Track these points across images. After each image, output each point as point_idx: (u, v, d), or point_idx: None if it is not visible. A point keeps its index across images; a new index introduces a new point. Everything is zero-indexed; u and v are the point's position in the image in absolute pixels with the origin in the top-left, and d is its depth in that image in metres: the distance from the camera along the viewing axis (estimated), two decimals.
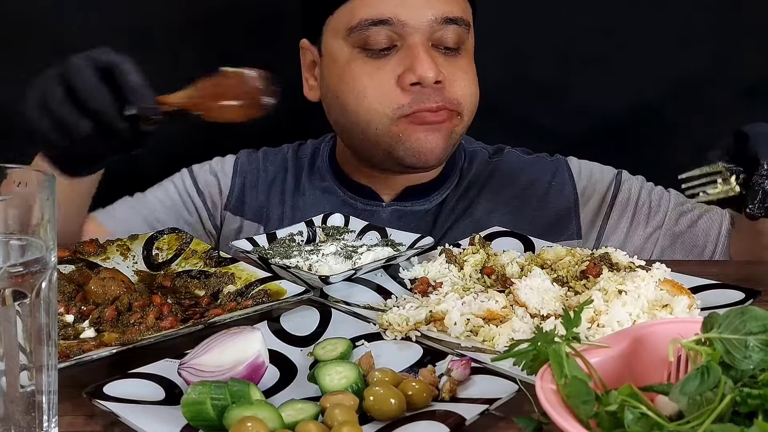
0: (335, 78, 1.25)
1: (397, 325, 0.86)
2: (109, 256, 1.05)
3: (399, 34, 1.19)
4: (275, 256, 1.04)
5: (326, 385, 0.74)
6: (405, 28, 1.18)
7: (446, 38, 1.21)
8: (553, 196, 1.33)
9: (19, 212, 0.63)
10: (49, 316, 0.66)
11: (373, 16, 1.19)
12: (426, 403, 0.73)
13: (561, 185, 1.34)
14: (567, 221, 1.32)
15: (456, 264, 1.03)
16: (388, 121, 1.20)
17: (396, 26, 1.18)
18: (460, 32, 1.22)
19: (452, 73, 1.21)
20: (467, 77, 1.23)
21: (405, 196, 1.33)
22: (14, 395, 0.65)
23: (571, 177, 1.35)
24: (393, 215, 1.32)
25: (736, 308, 0.63)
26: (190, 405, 0.69)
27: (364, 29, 1.19)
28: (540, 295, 0.90)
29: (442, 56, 1.21)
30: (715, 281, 0.97)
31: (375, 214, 1.31)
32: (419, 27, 1.19)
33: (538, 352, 0.66)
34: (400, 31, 1.19)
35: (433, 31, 1.20)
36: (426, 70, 1.17)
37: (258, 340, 0.76)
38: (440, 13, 1.19)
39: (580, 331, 0.70)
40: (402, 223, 1.30)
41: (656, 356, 0.67)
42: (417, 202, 1.33)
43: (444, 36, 1.21)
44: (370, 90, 1.20)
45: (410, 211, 1.33)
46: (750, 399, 0.57)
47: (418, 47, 1.18)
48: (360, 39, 1.20)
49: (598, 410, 0.59)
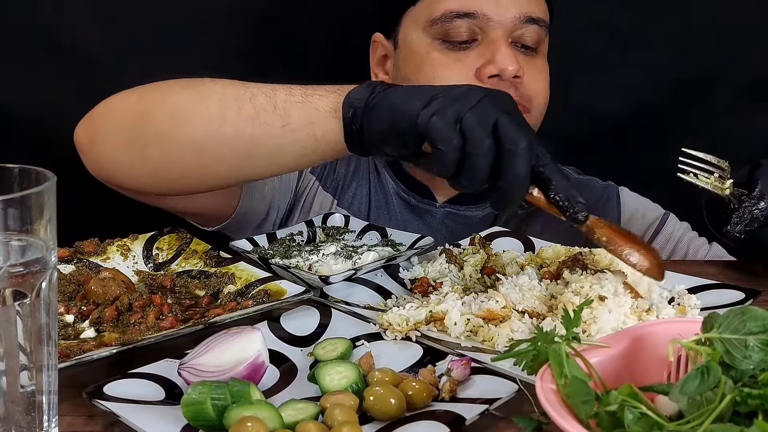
0: (412, 68, 1.26)
1: (397, 325, 0.86)
2: (109, 256, 1.05)
3: (481, 28, 1.21)
4: (275, 256, 1.04)
5: (326, 385, 0.74)
6: (488, 23, 1.20)
7: (526, 37, 1.23)
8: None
9: (19, 212, 0.63)
10: (49, 316, 0.66)
11: (458, 9, 1.21)
12: (426, 403, 0.73)
13: (608, 212, 1.34)
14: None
15: (456, 264, 1.03)
16: None
17: (479, 20, 1.20)
18: (539, 32, 1.23)
19: (528, 71, 1.22)
20: (541, 77, 1.25)
21: (459, 200, 1.33)
22: (14, 395, 0.65)
23: (619, 206, 1.35)
24: (447, 217, 1.32)
25: (736, 308, 0.63)
26: (190, 405, 0.69)
27: (447, 21, 1.21)
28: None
29: (521, 54, 1.23)
30: (715, 281, 0.97)
31: (428, 213, 1.31)
32: (502, 22, 1.20)
33: (538, 352, 0.66)
34: (483, 25, 1.20)
35: (515, 29, 1.21)
36: (507, 63, 1.18)
37: (258, 340, 0.76)
38: (524, 11, 1.21)
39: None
40: (456, 226, 1.30)
41: (656, 356, 0.67)
42: (470, 207, 1.33)
43: (524, 34, 1.22)
44: (448, 80, 1.19)
45: (462, 215, 1.32)
46: (750, 399, 0.57)
47: (500, 41, 1.20)
48: (441, 31, 1.22)
49: (598, 410, 0.59)
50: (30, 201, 0.63)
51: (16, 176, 0.66)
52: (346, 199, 1.34)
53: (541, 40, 1.25)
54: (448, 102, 0.83)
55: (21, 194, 0.63)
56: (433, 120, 0.82)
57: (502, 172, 0.82)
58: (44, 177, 0.65)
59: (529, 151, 0.82)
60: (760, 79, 1.61)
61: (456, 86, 0.87)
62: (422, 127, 0.83)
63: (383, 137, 0.88)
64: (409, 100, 0.85)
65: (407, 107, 0.85)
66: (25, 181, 0.66)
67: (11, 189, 0.65)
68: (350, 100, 0.90)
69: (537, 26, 1.23)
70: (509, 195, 0.83)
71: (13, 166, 0.66)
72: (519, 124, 0.83)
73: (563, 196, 0.85)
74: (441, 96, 0.84)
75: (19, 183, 0.66)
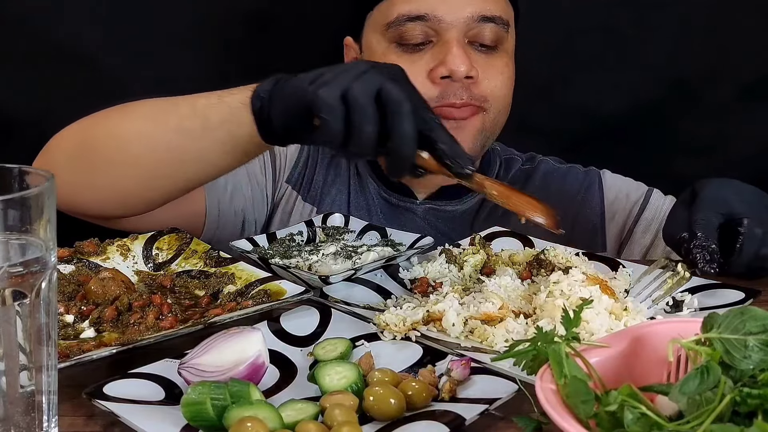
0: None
1: (395, 326, 0.86)
2: (109, 256, 1.05)
3: (435, 30, 1.21)
4: (275, 256, 1.04)
5: (326, 385, 0.74)
6: (441, 24, 1.20)
7: (483, 36, 1.22)
8: (584, 209, 1.34)
9: (19, 212, 0.63)
10: (49, 316, 0.66)
11: (409, 12, 1.21)
12: (426, 403, 0.73)
13: (591, 198, 1.35)
14: (593, 234, 1.32)
15: (456, 264, 1.03)
16: None
17: (432, 22, 1.20)
18: (497, 31, 1.23)
19: (485, 70, 1.22)
20: (501, 77, 1.24)
21: (439, 196, 1.34)
22: (14, 395, 0.65)
23: (601, 190, 1.36)
24: (428, 213, 1.33)
25: (736, 308, 0.63)
26: (190, 405, 0.69)
27: (400, 25, 1.22)
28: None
29: (478, 53, 1.23)
30: (715, 281, 0.97)
31: (410, 211, 1.32)
32: (455, 23, 1.20)
33: (537, 352, 0.66)
34: (436, 27, 1.21)
35: (470, 29, 1.21)
36: (458, 64, 1.18)
37: (258, 340, 0.76)
38: (477, 11, 1.21)
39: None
40: (438, 222, 1.30)
41: (656, 356, 0.67)
42: (451, 203, 1.33)
43: (481, 34, 1.22)
44: None
45: (443, 211, 1.33)
46: (750, 399, 0.57)
47: (452, 42, 1.20)
48: (396, 34, 1.23)
49: (597, 410, 0.59)
50: (30, 201, 0.63)
51: (16, 176, 0.66)
52: (325, 206, 1.35)
53: (501, 39, 1.24)
54: (332, 76, 0.88)
55: (21, 194, 0.63)
56: (319, 93, 0.86)
57: (390, 135, 0.86)
58: (44, 177, 0.65)
59: (413, 113, 0.85)
60: (760, 78, 1.61)
61: (345, 64, 0.90)
62: (310, 101, 0.87)
63: (286, 121, 0.93)
64: (302, 83, 0.90)
65: (300, 88, 0.90)
66: (25, 181, 0.66)
67: (11, 189, 0.65)
68: (258, 93, 0.96)
69: (494, 24, 1.22)
70: (399, 156, 0.87)
71: (13, 166, 0.66)
72: (403, 89, 0.87)
73: (449, 153, 0.88)
74: (328, 72, 0.89)
75: (19, 183, 0.66)
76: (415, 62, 1.21)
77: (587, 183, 1.36)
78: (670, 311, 0.93)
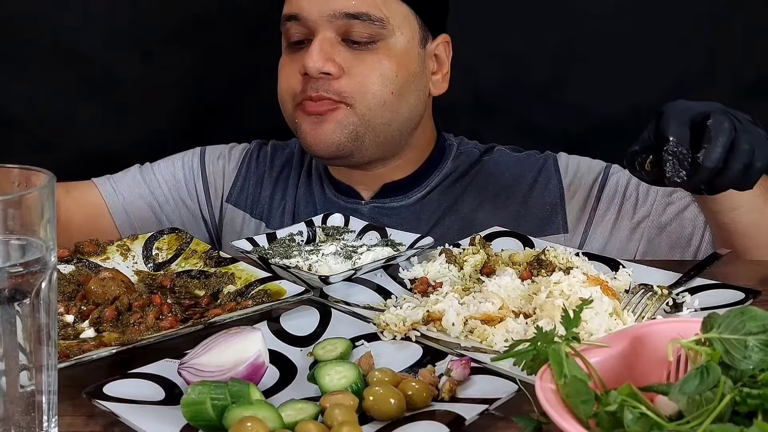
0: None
1: (394, 326, 0.86)
2: (109, 256, 1.05)
3: (309, 29, 1.24)
4: (275, 256, 1.04)
5: (326, 385, 0.74)
6: (310, 23, 1.23)
7: (353, 33, 1.23)
8: (538, 191, 1.34)
9: (19, 212, 0.63)
10: (49, 316, 0.66)
11: (286, 12, 1.26)
12: (426, 403, 0.73)
13: (546, 180, 1.35)
14: (553, 215, 1.33)
15: (456, 264, 1.03)
16: (290, 110, 1.28)
17: (303, 21, 1.24)
18: (369, 27, 1.23)
19: (353, 67, 1.23)
20: (371, 73, 1.24)
21: (384, 193, 1.35)
22: (14, 395, 0.65)
23: (558, 172, 1.36)
24: (373, 212, 1.34)
25: (736, 308, 0.63)
26: (190, 405, 0.69)
27: (284, 24, 1.27)
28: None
29: (349, 50, 1.24)
30: (715, 281, 0.97)
31: (356, 212, 1.32)
32: (319, 21, 1.23)
33: (537, 352, 0.66)
34: (308, 25, 1.24)
35: (338, 26, 1.23)
36: (312, 61, 1.21)
37: (258, 340, 0.76)
38: (339, 8, 1.22)
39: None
40: (384, 220, 1.31)
41: (656, 356, 0.67)
42: (396, 199, 1.35)
43: (350, 30, 1.23)
44: (282, 80, 1.29)
45: (390, 208, 1.34)
46: (750, 399, 0.57)
47: (315, 40, 1.23)
48: (285, 34, 1.28)
49: (597, 410, 0.59)
50: (30, 201, 0.63)
51: (16, 176, 0.66)
52: (274, 220, 1.38)
53: (378, 35, 1.24)
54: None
55: (21, 194, 0.63)
56: None
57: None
58: (44, 177, 0.65)
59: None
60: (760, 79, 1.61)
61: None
62: None
63: None
64: None
65: None
66: (25, 181, 0.66)
67: (11, 189, 0.65)
68: None
69: (360, 21, 1.22)
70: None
71: (13, 166, 0.66)
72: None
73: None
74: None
75: (19, 183, 0.66)
76: (293, 60, 1.27)
77: (540, 165, 1.37)
78: (670, 311, 0.93)
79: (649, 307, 0.91)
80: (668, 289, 0.95)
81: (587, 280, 0.90)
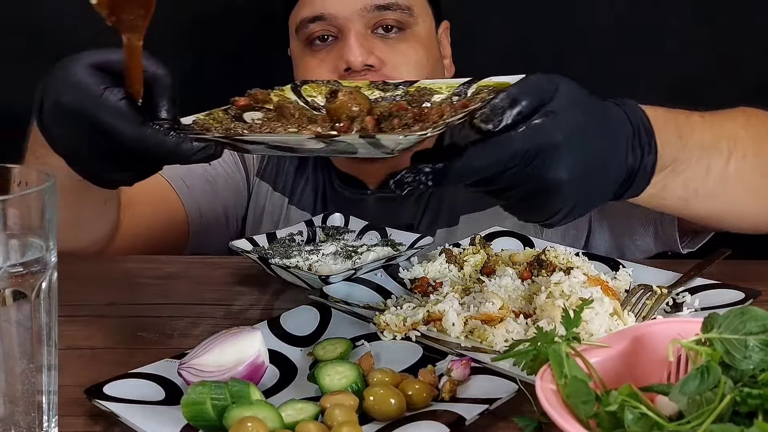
0: (295, 72, 1.32)
1: (395, 326, 0.86)
2: None
3: (336, 27, 1.24)
4: (275, 256, 1.04)
5: (326, 385, 0.74)
6: (338, 21, 1.23)
7: (385, 22, 1.24)
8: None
9: (19, 212, 0.63)
10: (49, 316, 0.66)
11: (309, 15, 1.25)
12: (426, 403, 0.73)
13: None
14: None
15: (456, 264, 1.03)
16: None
17: (330, 20, 1.23)
18: (399, 16, 1.24)
19: (390, 57, 1.24)
20: (408, 60, 1.25)
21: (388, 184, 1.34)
22: (14, 395, 0.65)
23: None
24: (378, 202, 1.34)
25: (736, 308, 0.62)
26: (190, 405, 0.69)
27: (305, 27, 1.26)
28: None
29: (382, 41, 1.24)
30: (715, 281, 0.97)
31: (362, 202, 1.33)
32: (351, 18, 1.23)
33: (538, 352, 0.66)
34: (336, 24, 1.23)
35: (368, 19, 1.23)
36: (355, 55, 1.20)
37: (258, 340, 0.76)
38: (369, 1, 1.22)
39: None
40: (389, 208, 1.32)
41: (656, 356, 0.67)
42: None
43: (381, 21, 1.24)
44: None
45: (395, 198, 1.34)
46: (750, 399, 0.57)
47: (349, 35, 1.22)
48: (304, 36, 1.27)
49: (598, 410, 0.59)
50: (30, 201, 0.63)
51: (16, 176, 0.66)
52: (296, 195, 1.38)
53: (407, 24, 1.25)
54: None
55: (21, 194, 0.63)
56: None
57: None
58: (44, 177, 0.65)
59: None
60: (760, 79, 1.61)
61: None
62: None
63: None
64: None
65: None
66: (25, 181, 0.66)
67: (11, 189, 0.65)
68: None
69: (392, 11, 1.24)
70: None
71: (13, 166, 0.67)
72: None
73: None
74: None
75: (19, 183, 0.66)
76: (323, 60, 1.25)
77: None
78: (670, 311, 0.93)
79: (649, 307, 0.91)
80: (668, 289, 0.95)
81: (588, 281, 0.90)
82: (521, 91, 0.69)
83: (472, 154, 0.67)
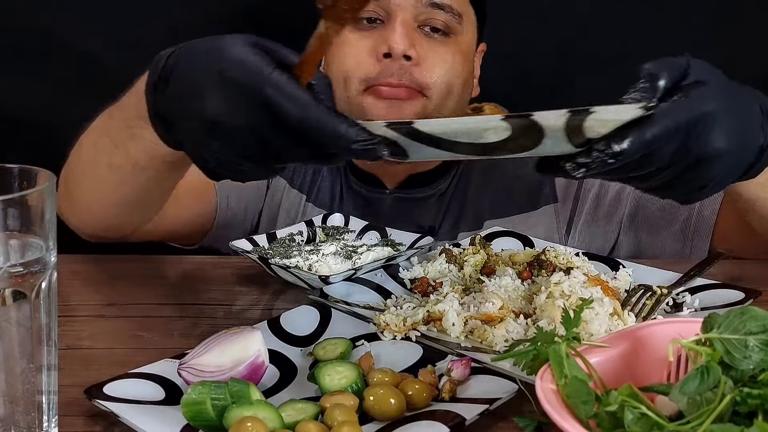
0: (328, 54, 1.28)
1: (395, 326, 0.86)
2: None
3: (386, 11, 1.23)
4: (275, 256, 1.04)
5: (326, 385, 0.74)
6: (390, 5, 1.22)
7: (432, 21, 1.24)
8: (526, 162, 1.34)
9: (19, 212, 0.63)
10: (49, 316, 0.66)
11: None
12: (426, 403, 0.73)
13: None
14: (541, 185, 1.33)
15: (456, 264, 1.03)
16: (356, 91, 1.23)
17: (383, 2, 1.22)
18: (448, 19, 1.24)
19: (430, 56, 1.23)
20: (445, 64, 1.24)
21: (409, 184, 1.34)
22: (14, 395, 0.65)
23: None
24: (397, 202, 1.33)
25: (736, 308, 0.63)
26: (190, 405, 0.69)
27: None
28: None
29: (425, 38, 1.24)
30: (715, 281, 0.97)
31: (380, 201, 1.32)
32: (405, 6, 1.22)
33: (538, 352, 0.66)
34: (387, 7, 1.22)
35: (419, 13, 1.23)
36: (397, 42, 1.19)
37: (258, 340, 0.76)
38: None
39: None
40: (406, 207, 1.31)
41: (656, 356, 0.67)
42: (420, 190, 1.34)
43: (430, 19, 1.23)
44: (349, 57, 1.23)
45: (414, 198, 1.34)
46: (750, 399, 0.57)
47: (397, 22, 1.21)
48: None
49: (598, 410, 0.59)
50: (30, 201, 0.63)
51: (16, 176, 0.66)
52: (313, 193, 1.37)
53: (453, 29, 1.25)
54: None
55: (21, 194, 0.63)
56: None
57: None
58: (44, 177, 0.65)
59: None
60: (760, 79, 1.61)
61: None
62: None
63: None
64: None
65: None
66: (25, 181, 0.66)
67: (11, 189, 0.65)
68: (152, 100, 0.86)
69: (444, 12, 1.24)
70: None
71: (13, 166, 0.66)
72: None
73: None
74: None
75: (19, 183, 0.66)
76: (364, 38, 1.23)
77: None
78: (670, 311, 0.93)
79: (649, 307, 0.91)
80: (668, 289, 0.95)
81: (588, 281, 0.90)
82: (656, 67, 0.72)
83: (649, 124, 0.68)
